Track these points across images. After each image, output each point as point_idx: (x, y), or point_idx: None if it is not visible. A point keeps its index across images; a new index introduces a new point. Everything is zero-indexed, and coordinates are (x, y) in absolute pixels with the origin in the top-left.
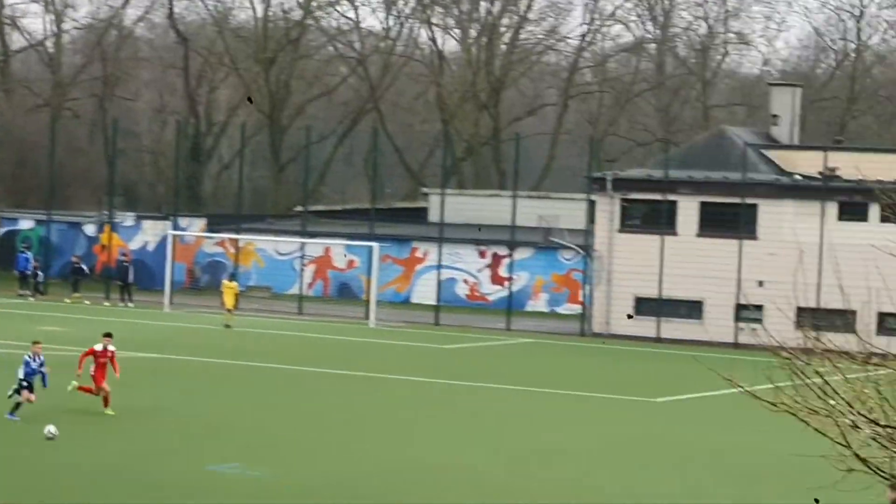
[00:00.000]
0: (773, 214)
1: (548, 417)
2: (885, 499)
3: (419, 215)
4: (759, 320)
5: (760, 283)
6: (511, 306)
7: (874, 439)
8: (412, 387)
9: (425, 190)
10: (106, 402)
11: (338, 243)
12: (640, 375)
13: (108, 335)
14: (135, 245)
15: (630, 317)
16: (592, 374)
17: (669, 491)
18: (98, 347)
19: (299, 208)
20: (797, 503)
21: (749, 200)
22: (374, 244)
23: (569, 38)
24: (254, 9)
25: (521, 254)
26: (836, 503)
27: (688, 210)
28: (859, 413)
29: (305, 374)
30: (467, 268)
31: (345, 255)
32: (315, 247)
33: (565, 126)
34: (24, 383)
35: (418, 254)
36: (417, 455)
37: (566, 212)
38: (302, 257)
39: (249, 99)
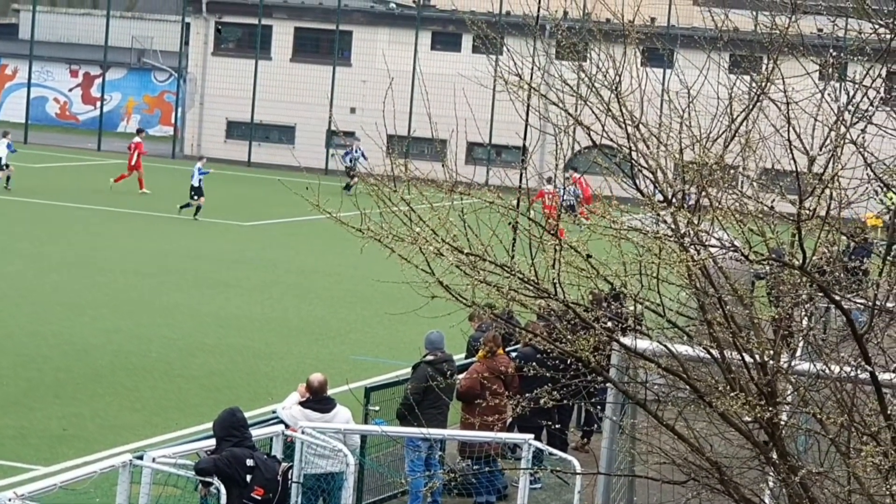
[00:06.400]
0: (367, 42)
1: (136, 235)
2: (466, 326)
3: (9, 32)
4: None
5: (353, 110)
6: (102, 126)
7: (458, 267)
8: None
9: (16, 6)
10: None
11: None
12: (230, 199)
13: None
14: None
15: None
16: (183, 195)
17: (254, 312)
18: None
19: None
20: (381, 326)
21: (344, 27)
22: None
23: None
24: None
25: (114, 74)
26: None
27: (282, 35)
28: (443, 241)
29: None
30: (58, 87)
31: None
32: None
33: None
34: None
35: (7, 71)
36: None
37: (160, 33)
38: None
39: None
